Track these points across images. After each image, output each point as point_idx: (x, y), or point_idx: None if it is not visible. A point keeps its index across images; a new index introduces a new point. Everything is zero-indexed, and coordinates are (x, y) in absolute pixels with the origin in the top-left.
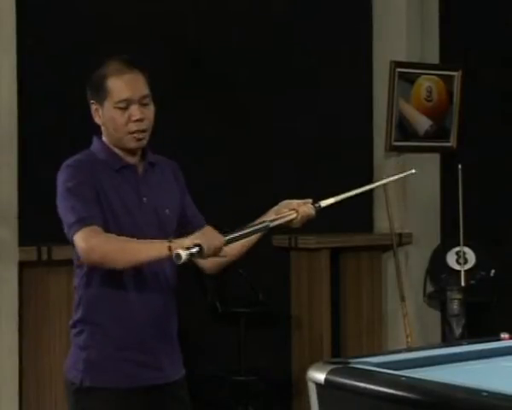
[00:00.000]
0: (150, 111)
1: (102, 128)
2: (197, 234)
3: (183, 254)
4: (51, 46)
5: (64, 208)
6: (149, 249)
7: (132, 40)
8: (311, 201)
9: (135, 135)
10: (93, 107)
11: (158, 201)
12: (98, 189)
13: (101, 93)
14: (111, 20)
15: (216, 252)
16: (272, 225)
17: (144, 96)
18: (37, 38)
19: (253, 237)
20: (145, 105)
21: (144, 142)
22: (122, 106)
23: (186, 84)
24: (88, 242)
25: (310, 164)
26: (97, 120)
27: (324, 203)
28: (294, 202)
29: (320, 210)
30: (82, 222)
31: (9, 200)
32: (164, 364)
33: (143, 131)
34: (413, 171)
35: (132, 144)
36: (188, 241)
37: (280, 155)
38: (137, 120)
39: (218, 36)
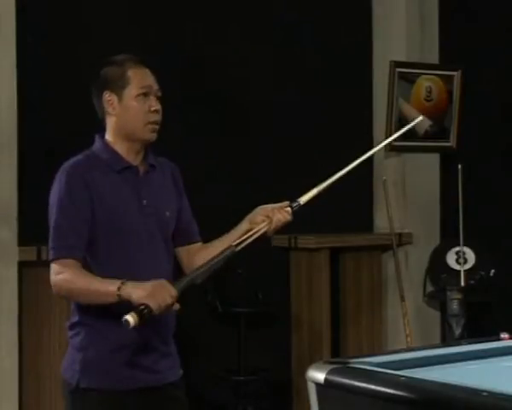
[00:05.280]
0: (160, 107)
1: (111, 121)
2: (147, 291)
3: (132, 320)
4: (51, 46)
5: (52, 222)
6: (101, 296)
7: (133, 39)
8: (287, 204)
9: (151, 126)
10: (106, 97)
11: (158, 203)
12: (94, 195)
13: (120, 82)
14: (111, 20)
15: (167, 310)
16: (239, 248)
17: (158, 90)
18: (37, 38)
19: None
20: (158, 99)
21: (155, 135)
22: (144, 92)
23: (186, 87)
24: (56, 277)
25: (310, 164)
26: (110, 111)
27: (304, 199)
28: (269, 208)
29: (300, 208)
30: (59, 253)
31: (9, 200)
32: (161, 365)
33: (158, 123)
34: (420, 118)
35: (148, 135)
36: (136, 295)
37: (280, 154)
38: (155, 111)
39: (218, 37)
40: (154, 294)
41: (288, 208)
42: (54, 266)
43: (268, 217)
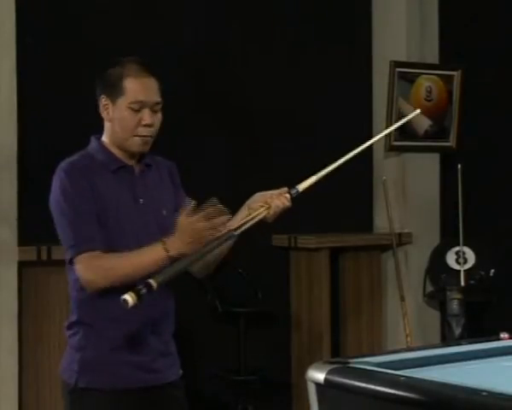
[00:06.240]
0: (158, 119)
1: (107, 125)
2: (183, 241)
3: (130, 300)
4: (51, 46)
5: (63, 221)
6: (149, 261)
7: (132, 39)
8: (286, 190)
9: (141, 139)
10: (102, 101)
11: (154, 202)
12: (93, 193)
13: (115, 90)
14: (111, 20)
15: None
16: (238, 232)
17: (156, 103)
18: (37, 39)
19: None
20: (155, 112)
21: (147, 147)
22: (135, 107)
23: (186, 87)
24: (88, 274)
25: (309, 165)
26: (105, 115)
27: (302, 186)
28: (268, 194)
29: (300, 196)
30: (80, 247)
31: (9, 200)
32: (159, 365)
33: (150, 136)
34: (418, 111)
35: (136, 148)
36: (180, 249)
37: (280, 153)
38: (147, 125)
39: (218, 36)
40: (189, 240)
41: (287, 195)
42: (80, 265)
43: (267, 203)
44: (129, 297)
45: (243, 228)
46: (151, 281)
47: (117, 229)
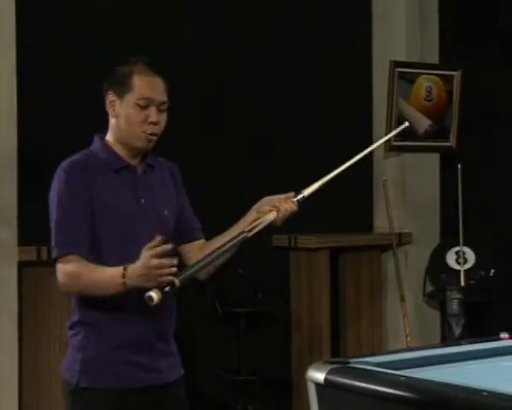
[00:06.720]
0: (164, 118)
1: (112, 121)
2: (142, 276)
3: (156, 296)
4: (51, 46)
5: (53, 221)
6: (107, 282)
7: (132, 39)
8: (293, 194)
9: (146, 136)
10: (109, 97)
11: (156, 202)
12: (93, 194)
13: (123, 86)
14: (110, 20)
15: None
16: (251, 234)
17: (163, 103)
18: (37, 39)
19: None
20: (161, 111)
21: (151, 145)
22: (142, 104)
23: (185, 86)
24: (61, 277)
25: (309, 165)
26: (111, 111)
27: (308, 192)
28: (275, 198)
29: (304, 200)
30: (62, 250)
31: (9, 200)
32: (161, 364)
33: (155, 134)
34: (406, 124)
35: (140, 144)
36: (138, 283)
37: (280, 154)
38: (152, 123)
39: (218, 36)
40: (148, 277)
41: (294, 199)
42: (59, 265)
43: (275, 206)
44: (154, 294)
45: (255, 230)
46: (174, 279)
47: (118, 228)
